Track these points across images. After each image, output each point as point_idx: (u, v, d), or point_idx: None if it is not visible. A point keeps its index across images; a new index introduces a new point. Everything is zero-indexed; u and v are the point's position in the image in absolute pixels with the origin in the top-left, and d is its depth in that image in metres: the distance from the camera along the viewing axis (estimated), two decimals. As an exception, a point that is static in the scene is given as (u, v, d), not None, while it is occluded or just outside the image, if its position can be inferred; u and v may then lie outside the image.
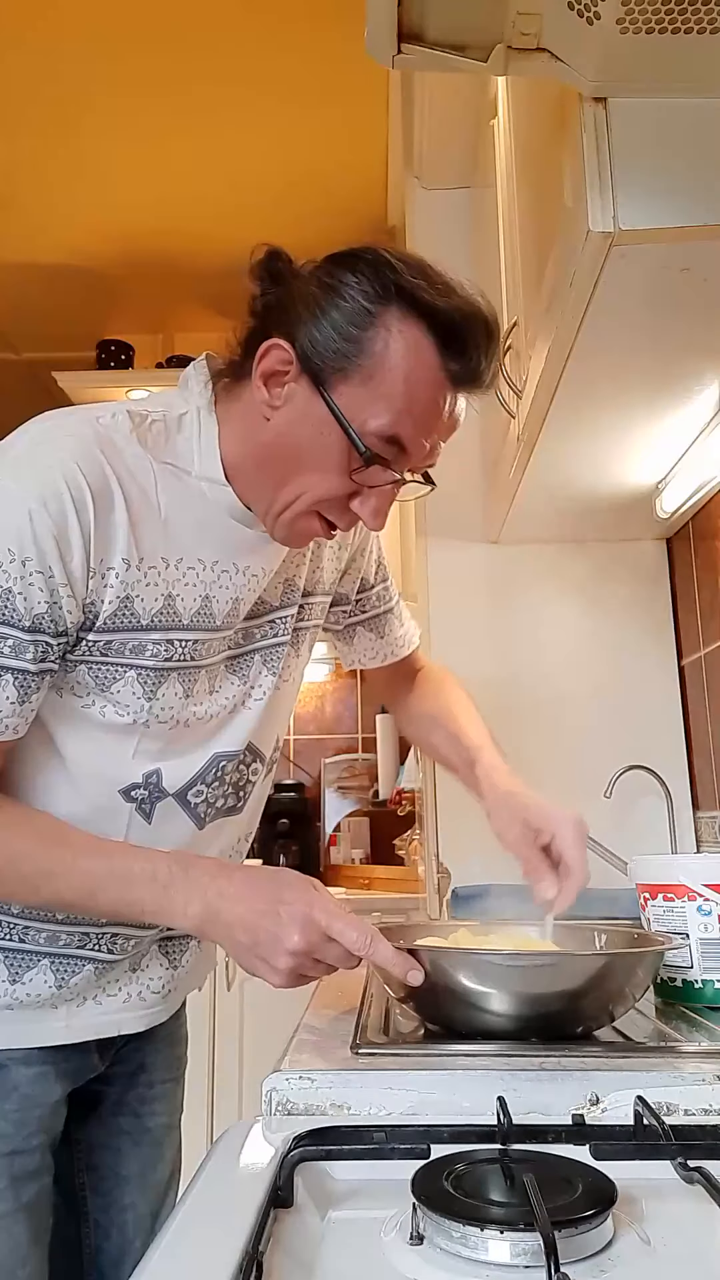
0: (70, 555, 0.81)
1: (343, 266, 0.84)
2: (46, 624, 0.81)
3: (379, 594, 1.17)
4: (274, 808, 3.29)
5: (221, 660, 0.95)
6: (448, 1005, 0.84)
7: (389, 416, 0.83)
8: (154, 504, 0.87)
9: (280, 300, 0.87)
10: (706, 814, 1.83)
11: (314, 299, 0.84)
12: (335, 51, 2.38)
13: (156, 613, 0.87)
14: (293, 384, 0.85)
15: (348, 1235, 0.56)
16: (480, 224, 1.99)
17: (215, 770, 0.95)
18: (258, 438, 0.88)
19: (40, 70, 2.47)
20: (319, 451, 0.85)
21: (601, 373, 1.23)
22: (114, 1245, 1.04)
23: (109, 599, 0.84)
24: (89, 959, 0.92)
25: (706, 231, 0.94)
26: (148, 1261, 0.51)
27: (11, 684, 0.81)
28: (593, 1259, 0.51)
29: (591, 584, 1.99)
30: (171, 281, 3.38)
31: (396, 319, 0.82)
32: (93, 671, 0.86)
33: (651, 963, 0.90)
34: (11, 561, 0.79)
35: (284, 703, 1.04)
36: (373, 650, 1.19)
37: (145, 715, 0.88)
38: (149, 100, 2.59)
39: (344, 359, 0.83)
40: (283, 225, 3.05)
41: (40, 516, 0.79)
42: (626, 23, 0.83)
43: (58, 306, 3.48)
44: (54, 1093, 0.92)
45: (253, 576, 0.95)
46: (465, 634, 1.99)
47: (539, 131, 1.20)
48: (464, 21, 0.88)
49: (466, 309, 0.84)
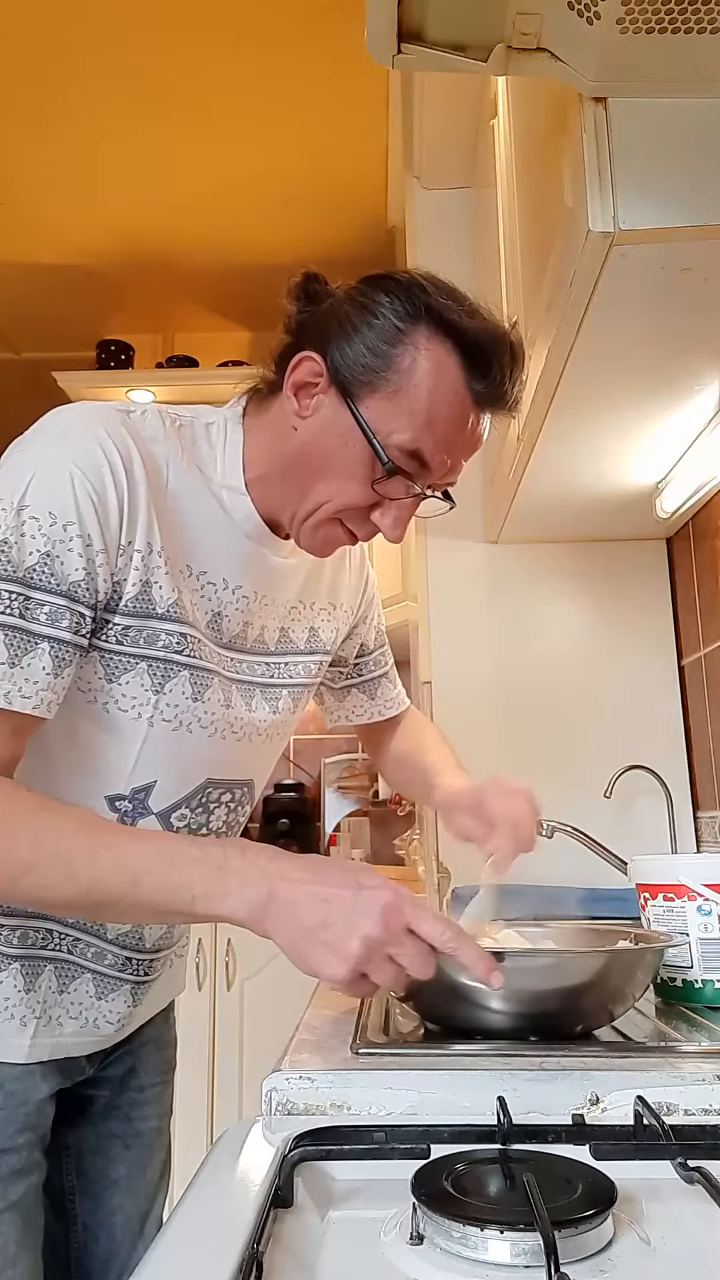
0: (108, 524, 0.82)
1: (376, 287, 0.88)
2: (82, 593, 0.80)
3: (376, 659, 1.22)
4: (274, 808, 3.29)
5: (236, 679, 0.95)
6: (449, 1004, 0.84)
7: (412, 431, 0.86)
8: (169, 500, 0.88)
9: (314, 318, 0.90)
10: (706, 814, 1.83)
11: (347, 316, 0.87)
12: (335, 51, 2.39)
13: (171, 603, 0.87)
14: (322, 395, 0.88)
15: (348, 1235, 0.56)
16: (480, 224, 1.99)
17: (202, 796, 0.95)
18: (285, 446, 0.90)
19: (40, 70, 2.47)
20: (344, 461, 0.87)
21: (601, 372, 1.23)
22: (102, 1248, 1.03)
23: (133, 580, 0.84)
24: (49, 959, 0.91)
25: (706, 231, 0.94)
26: (148, 1261, 0.51)
27: (48, 654, 0.78)
28: (593, 1259, 0.51)
29: (591, 584, 1.99)
30: (171, 281, 3.38)
31: (425, 337, 0.85)
32: (105, 659, 0.86)
33: (652, 961, 0.90)
34: (52, 525, 0.79)
35: (277, 746, 1.05)
36: (361, 709, 1.23)
37: (151, 711, 0.88)
38: (149, 100, 2.59)
39: (373, 373, 0.85)
40: (283, 225, 3.09)
41: (81, 482, 0.80)
42: (626, 22, 0.83)
43: (58, 306, 3.48)
44: (40, 1090, 0.91)
45: (263, 603, 0.97)
46: (465, 634, 1.99)
47: (539, 131, 1.20)
48: (464, 21, 0.88)
49: (493, 331, 0.87)
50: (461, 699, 1.97)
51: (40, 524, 0.79)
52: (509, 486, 1.67)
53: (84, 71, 2.48)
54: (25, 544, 0.78)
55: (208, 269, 3.30)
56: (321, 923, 0.70)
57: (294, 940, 0.72)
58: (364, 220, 3.04)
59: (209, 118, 2.66)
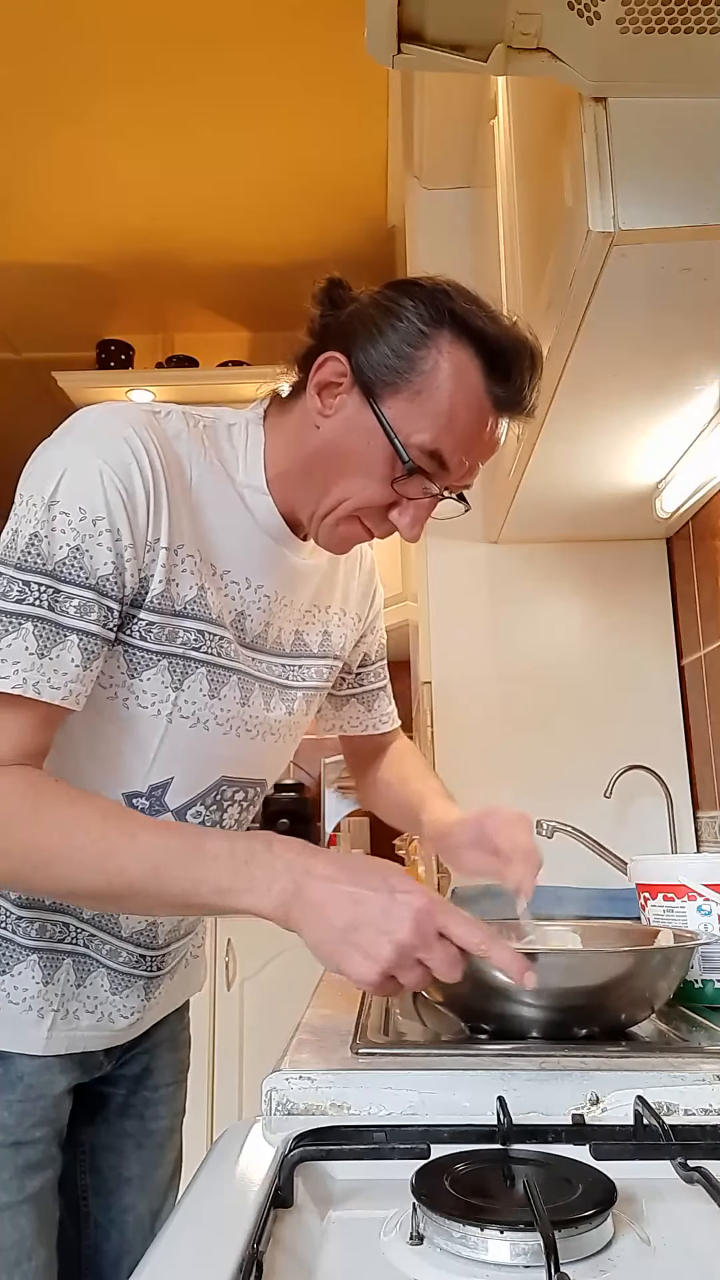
0: (136, 520, 0.83)
1: (401, 291, 0.90)
2: (110, 587, 0.82)
3: (375, 672, 1.23)
4: (274, 807, 3.29)
5: (260, 678, 0.97)
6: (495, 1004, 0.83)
7: (433, 431, 0.87)
8: (193, 499, 0.90)
9: (339, 321, 0.92)
10: (706, 814, 1.83)
11: (372, 319, 0.89)
12: (335, 51, 2.39)
13: (190, 601, 0.88)
14: (345, 395, 0.90)
15: (348, 1235, 0.56)
16: (480, 224, 1.99)
17: (216, 794, 0.96)
18: (307, 445, 0.92)
19: (41, 70, 2.47)
20: (364, 459, 0.89)
21: (601, 372, 1.23)
22: (113, 1246, 1.04)
23: (158, 577, 0.86)
24: (68, 953, 0.93)
25: (706, 231, 0.94)
26: (147, 1261, 0.51)
27: (77, 645, 0.80)
28: (593, 1259, 0.51)
29: (591, 584, 1.99)
30: (171, 281, 3.38)
31: (448, 341, 0.87)
32: (128, 655, 0.87)
33: (684, 957, 0.90)
34: (82, 519, 0.81)
35: (288, 748, 1.06)
36: (357, 720, 1.24)
37: (170, 708, 0.89)
38: (149, 100, 2.59)
39: (396, 374, 0.87)
40: (283, 225, 3.09)
41: (110, 477, 0.82)
42: (626, 23, 0.83)
43: (58, 306, 3.47)
44: (58, 1084, 0.92)
45: (283, 603, 0.98)
46: (465, 634, 1.99)
47: (539, 131, 1.20)
48: (464, 21, 0.88)
49: (515, 337, 0.89)
50: (461, 699, 1.97)
51: (70, 519, 0.81)
52: (509, 486, 1.67)
53: (84, 72, 2.47)
54: (56, 538, 0.80)
55: (208, 269, 3.30)
56: (352, 924, 0.71)
57: (322, 939, 0.72)
58: (364, 220, 3.04)
59: (209, 118, 2.66)
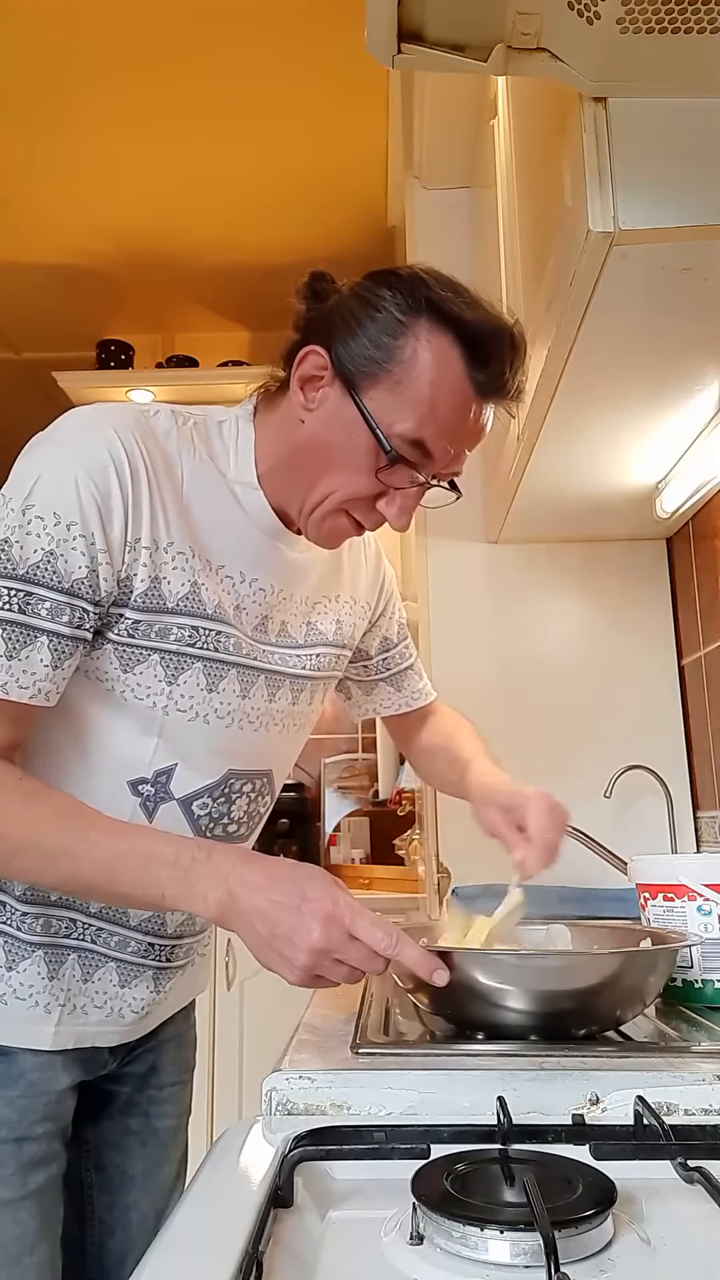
0: (111, 525, 0.84)
1: (379, 282, 0.90)
2: (84, 590, 0.84)
3: (400, 653, 1.24)
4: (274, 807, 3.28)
5: (259, 671, 0.97)
6: (469, 1005, 0.84)
7: (415, 420, 0.88)
8: (182, 496, 0.90)
9: (320, 314, 0.92)
10: (706, 814, 1.83)
11: (350, 311, 0.89)
12: (335, 51, 2.39)
13: (182, 598, 0.89)
14: (327, 388, 0.90)
15: (348, 1235, 0.56)
16: (480, 224, 1.99)
17: (224, 787, 0.96)
18: (292, 439, 0.93)
19: (40, 70, 2.47)
20: (348, 451, 0.89)
21: (601, 372, 1.23)
22: (118, 1243, 1.04)
23: (141, 576, 0.87)
24: (73, 948, 0.93)
25: (706, 231, 0.94)
26: (148, 1261, 0.51)
27: (46, 646, 0.82)
28: (593, 1259, 0.51)
29: (591, 584, 1.99)
30: (171, 281, 3.38)
31: (426, 329, 0.87)
32: (118, 651, 0.88)
33: (670, 958, 0.90)
34: (56, 525, 0.82)
35: (296, 738, 1.06)
36: (389, 701, 1.25)
37: (165, 701, 0.90)
38: (149, 100, 2.59)
39: (375, 365, 0.87)
40: (283, 225, 3.09)
41: (85, 483, 0.83)
42: (626, 23, 0.83)
43: (58, 306, 3.48)
44: (60, 1081, 0.92)
45: (280, 596, 0.98)
46: (465, 634, 1.99)
47: (539, 131, 1.20)
48: (464, 21, 0.88)
49: (494, 322, 0.89)
50: (461, 699, 1.95)
51: (45, 524, 0.82)
52: (509, 486, 1.67)
53: (84, 71, 2.47)
54: (29, 543, 0.82)
55: (208, 269, 3.30)
56: (272, 934, 0.76)
57: (252, 944, 0.78)
58: (364, 220, 3.04)
59: (208, 118, 2.66)
